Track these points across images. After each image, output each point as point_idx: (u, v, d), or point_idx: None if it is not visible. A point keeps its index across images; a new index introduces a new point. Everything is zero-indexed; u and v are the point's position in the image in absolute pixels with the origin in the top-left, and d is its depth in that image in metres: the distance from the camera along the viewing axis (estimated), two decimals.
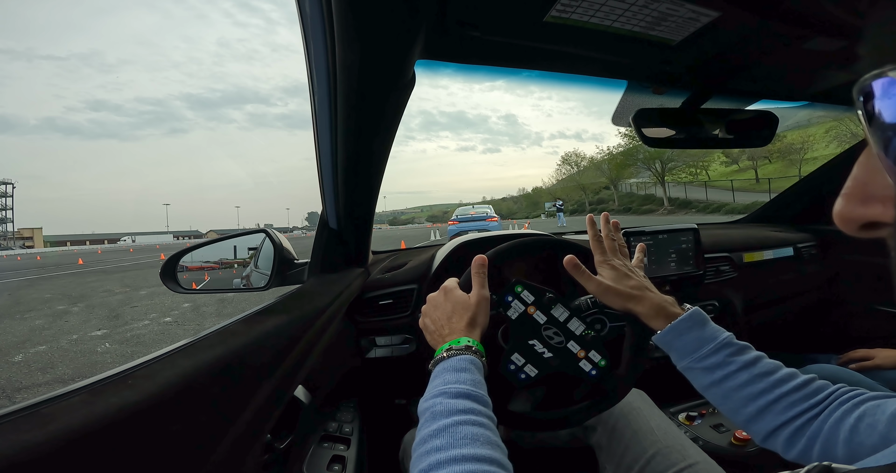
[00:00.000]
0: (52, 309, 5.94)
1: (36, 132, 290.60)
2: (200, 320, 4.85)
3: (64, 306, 6.22)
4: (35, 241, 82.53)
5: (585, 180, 50.11)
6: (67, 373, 3.21)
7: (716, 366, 0.52)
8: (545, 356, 0.66)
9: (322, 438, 0.84)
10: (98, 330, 4.49)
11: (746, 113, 0.75)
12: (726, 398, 0.52)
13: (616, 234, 0.70)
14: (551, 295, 0.68)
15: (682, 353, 0.56)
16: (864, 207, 0.21)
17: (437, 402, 0.46)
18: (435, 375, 0.52)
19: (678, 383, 0.65)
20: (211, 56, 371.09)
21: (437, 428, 0.42)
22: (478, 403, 0.47)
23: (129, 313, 5.37)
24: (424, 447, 0.41)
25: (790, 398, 0.48)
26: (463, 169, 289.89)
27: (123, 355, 3.61)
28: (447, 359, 0.53)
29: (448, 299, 0.62)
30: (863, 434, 0.41)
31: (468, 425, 0.42)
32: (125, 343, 3.94)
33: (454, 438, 0.40)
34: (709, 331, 0.55)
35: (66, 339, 4.21)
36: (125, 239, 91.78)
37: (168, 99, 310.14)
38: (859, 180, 0.22)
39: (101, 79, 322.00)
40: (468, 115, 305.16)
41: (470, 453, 0.39)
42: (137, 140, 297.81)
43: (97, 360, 3.49)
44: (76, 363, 3.44)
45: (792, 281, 1.39)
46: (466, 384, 0.48)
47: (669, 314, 0.58)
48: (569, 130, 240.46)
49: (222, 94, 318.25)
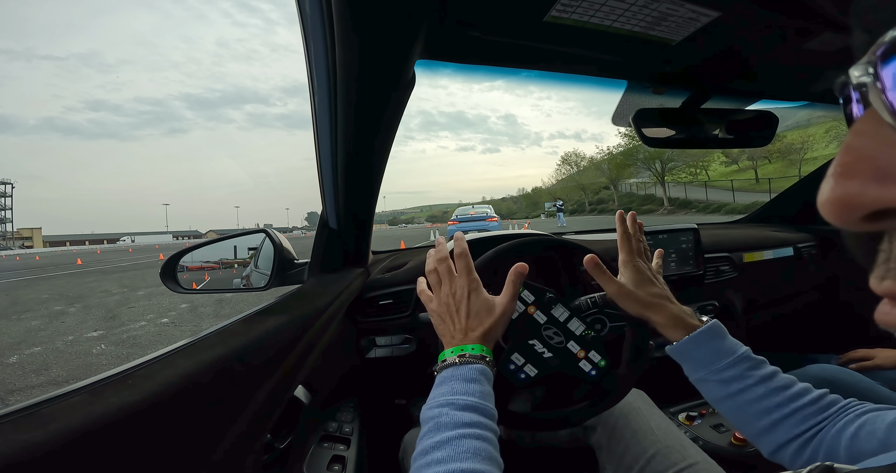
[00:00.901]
0: (48, 310, 5.92)
1: (35, 132, 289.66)
2: (198, 321, 4.82)
3: (61, 306, 6.19)
4: (34, 241, 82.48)
5: (585, 180, 50.16)
6: (62, 375, 3.20)
7: (732, 379, 0.52)
8: (545, 356, 0.66)
9: (322, 438, 0.84)
10: (94, 331, 4.47)
11: (746, 113, 0.75)
12: (740, 411, 0.52)
13: (641, 236, 0.68)
14: (551, 295, 0.68)
15: (699, 365, 0.55)
16: (881, 187, 0.16)
17: (442, 413, 0.45)
18: (443, 380, 0.51)
19: (678, 383, 0.65)
20: (210, 56, 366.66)
21: (440, 440, 0.42)
22: (484, 416, 0.46)
23: (125, 314, 5.35)
24: (425, 458, 0.41)
25: (804, 412, 0.48)
26: (462, 169, 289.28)
27: (119, 356, 3.59)
28: (459, 366, 0.51)
29: (475, 294, 0.56)
30: (863, 441, 0.42)
31: (472, 439, 0.42)
32: (121, 345, 3.92)
33: (456, 451, 0.40)
34: (727, 344, 0.55)
35: (62, 340, 4.19)
36: (124, 239, 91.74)
37: (167, 99, 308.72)
38: (866, 151, 0.16)
39: (100, 79, 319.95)
40: (468, 115, 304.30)
41: (469, 467, 0.39)
42: (137, 140, 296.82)
43: (92, 361, 3.47)
44: (71, 364, 3.43)
45: (792, 281, 1.39)
46: (475, 397, 0.47)
47: (687, 326, 0.57)
48: (568, 130, 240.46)
49: (221, 94, 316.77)
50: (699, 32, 0.53)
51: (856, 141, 0.17)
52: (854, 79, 0.17)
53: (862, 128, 0.17)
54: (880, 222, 0.17)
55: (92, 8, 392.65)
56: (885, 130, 0.16)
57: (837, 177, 0.17)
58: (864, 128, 0.17)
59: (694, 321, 0.58)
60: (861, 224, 0.17)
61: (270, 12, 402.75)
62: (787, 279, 1.38)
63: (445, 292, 0.57)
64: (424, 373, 0.55)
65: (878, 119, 0.16)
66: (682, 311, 0.60)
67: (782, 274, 1.37)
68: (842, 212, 0.17)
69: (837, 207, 0.17)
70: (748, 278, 1.29)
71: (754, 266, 1.31)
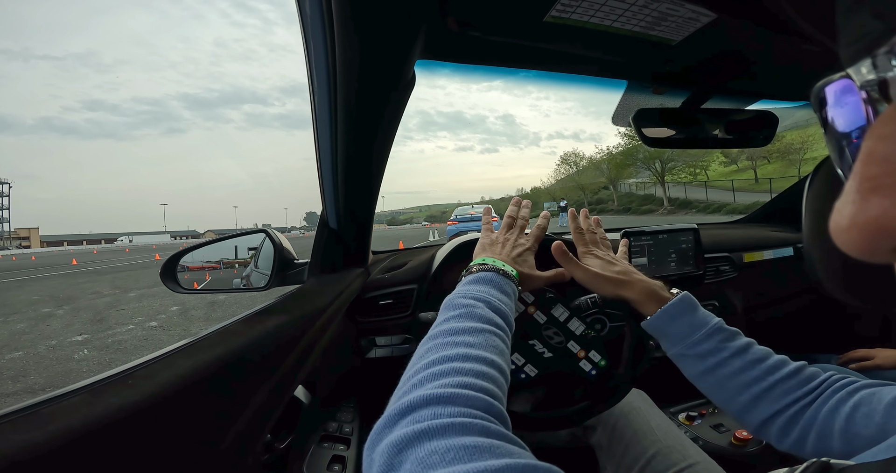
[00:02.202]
0: (36, 312, 5.84)
1: (33, 132, 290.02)
2: (187, 324, 4.71)
3: (49, 308, 6.11)
4: (32, 241, 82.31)
5: (584, 180, 50.18)
6: (39, 382, 3.12)
7: (708, 353, 0.52)
8: (545, 355, 0.66)
9: (322, 438, 0.83)
10: (79, 335, 4.38)
11: (746, 113, 0.75)
12: (719, 387, 0.52)
13: (597, 229, 0.72)
14: (551, 295, 0.68)
15: (674, 339, 0.55)
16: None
17: (477, 305, 0.47)
18: (479, 279, 0.52)
19: (678, 383, 0.65)
20: (208, 56, 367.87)
21: (472, 327, 0.43)
22: (509, 328, 0.48)
23: (114, 316, 5.26)
24: (453, 337, 0.41)
25: (784, 385, 0.48)
26: (461, 169, 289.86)
27: (101, 362, 3.50)
28: (497, 274, 0.54)
29: (529, 253, 0.62)
30: (859, 425, 0.41)
31: (499, 339, 0.44)
32: (104, 350, 3.83)
33: (487, 342, 0.42)
34: (700, 316, 0.55)
35: (45, 345, 4.09)
36: (122, 239, 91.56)
37: (165, 99, 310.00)
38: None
39: (97, 79, 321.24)
40: (466, 115, 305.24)
41: (497, 360, 0.40)
42: (135, 140, 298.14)
43: (72, 368, 3.38)
44: (50, 371, 3.34)
45: (792, 281, 1.39)
46: (508, 307, 0.49)
47: (660, 298, 0.58)
48: (566, 131, 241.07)
49: (219, 94, 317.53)
50: (699, 32, 0.53)
51: (883, 148, 0.13)
52: (864, 76, 0.14)
53: (887, 131, 0.13)
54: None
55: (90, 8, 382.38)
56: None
57: (865, 193, 0.13)
58: (891, 131, 0.13)
59: (666, 294, 0.59)
60: (893, 255, 0.13)
61: (268, 12, 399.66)
62: (787, 279, 1.38)
63: (511, 236, 0.64)
64: None
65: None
66: (653, 283, 0.61)
67: (782, 274, 1.37)
68: (873, 239, 0.13)
69: (868, 233, 0.13)
70: (748, 278, 1.29)
71: (754, 266, 1.31)
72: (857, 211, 0.13)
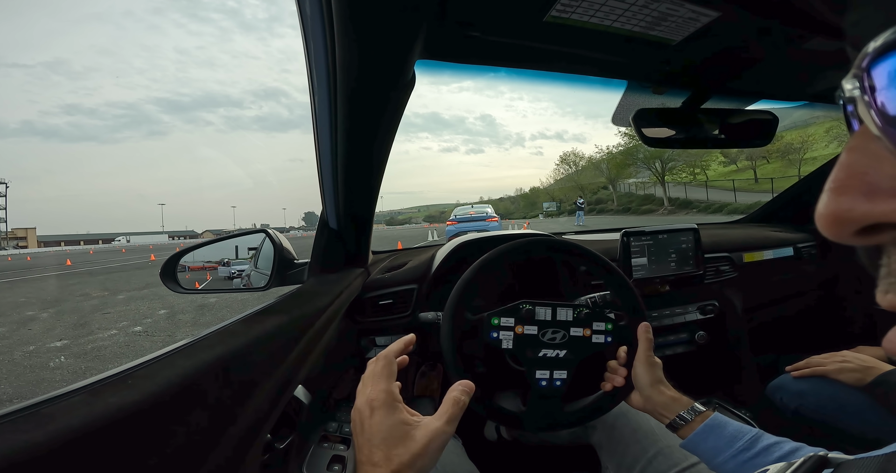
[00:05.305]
0: (20, 315, 5.63)
1: (17, 135, 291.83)
2: (173, 329, 4.49)
3: (34, 311, 5.89)
4: (28, 241, 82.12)
5: (584, 180, 50.19)
6: (7, 392, 2.94)
7: None
8: (560, 356, 0.67)
9: (322, 438, 0.83)
10: (59, 341, 4.17)
11: (746, 113, 0.75)
12: None
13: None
14: (525, 305, 0.68)
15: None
16: (870, 202, 0.16)
17: None
18: None
19: (678, 383, 0.65)
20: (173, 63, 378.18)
21: None
22: None
23: (98, 320, 5.02)
24: None
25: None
26: (457, 169, 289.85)
27: (76, 371, 3.30)
28: None
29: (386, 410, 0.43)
30: None
31: None
32: (82, 357, 3.62)
33: None
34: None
35: (21, 351, 3.89)
36: (119, 239, 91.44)
37: (139, 103, 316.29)
38: (857, 168, 0.17)
39: (70, 85, 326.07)
40: (443, 115, 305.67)
41: None
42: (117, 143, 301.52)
43: (45, 377, 3.19)
44: (22, 379, 3.17)
45: (792, 281, 1.39)
46: None
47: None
48: (549, 131, 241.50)
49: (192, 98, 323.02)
50: (699, 32, 0.53)
51: (848, 157, 0.17)
52: (847, 92, 0.17)
53: (854, 144, 0.17)
54: (873, 237, 0.17)
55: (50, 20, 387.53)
56: (875, 145, 0.16)
57: (831, 193, 0.17)
58: (857, 144, 0.17)
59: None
60: (855, 239, 0.18)
61: (221, 21, 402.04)
62: (786, 280, 1.38)
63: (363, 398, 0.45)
64: (424, 374, 0.55)
65: (869, 134, 0.16)
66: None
67: (782, 274, 1.37)
68: (834, 227, 0.18)
69: (830, 222, 0.17)
70: (748, 278, 1.29)
71: (754, 266, 1.31)
72: (825, 205, 0.17)
